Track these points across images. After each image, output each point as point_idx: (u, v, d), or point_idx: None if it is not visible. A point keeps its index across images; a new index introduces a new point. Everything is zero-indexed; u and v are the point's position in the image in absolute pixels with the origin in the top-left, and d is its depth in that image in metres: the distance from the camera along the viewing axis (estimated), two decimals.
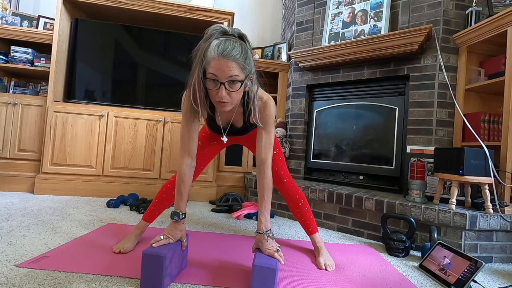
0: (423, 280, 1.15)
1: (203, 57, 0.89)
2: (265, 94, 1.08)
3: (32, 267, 0.99)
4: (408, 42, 1.85)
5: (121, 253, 1.18)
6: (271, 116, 1.07)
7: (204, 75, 0.91)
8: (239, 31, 0.93)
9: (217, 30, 0.90)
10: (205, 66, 0.89)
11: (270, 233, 1.01)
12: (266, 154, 1.08)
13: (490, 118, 1.69)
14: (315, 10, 2.46)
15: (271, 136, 1.09)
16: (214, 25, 0.92)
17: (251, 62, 0.93)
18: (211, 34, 0.90)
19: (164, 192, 1.31)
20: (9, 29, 2.35)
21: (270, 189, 1.09)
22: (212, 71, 0.88)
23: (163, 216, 1.83)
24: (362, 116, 2.19)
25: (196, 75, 0.91)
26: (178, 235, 1.02)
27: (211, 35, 0.89)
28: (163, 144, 2.38)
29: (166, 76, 2.53)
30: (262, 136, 1.08)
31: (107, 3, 2.37)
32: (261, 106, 1.05)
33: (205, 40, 0.90)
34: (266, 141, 1.08)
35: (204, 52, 0.88)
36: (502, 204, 1.44)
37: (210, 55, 0.87)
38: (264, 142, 1.08)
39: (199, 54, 0.90)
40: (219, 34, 0.90)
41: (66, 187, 2.22)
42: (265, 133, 1.07)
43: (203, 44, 0.90)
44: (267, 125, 1.07)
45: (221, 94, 0.89)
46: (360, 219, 1.72)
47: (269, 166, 1.09)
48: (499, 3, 1.73)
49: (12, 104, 2.27)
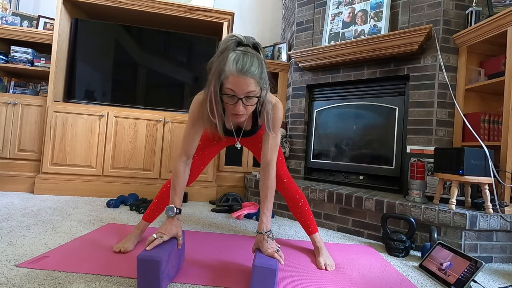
0: (423, 280, 1.15)
1: (220, 71, 0.88)
2: (273, 98, 1.08)
3: (32, 267, 0.99)
4: (408, 42, 1.85)
5: (121, 252, 1.18)
6: (279, 119, 1.09)
7: (221, 89, 0.91)
8: (254, 40, 0.93)
9: (232, 40, 0.89)
10: (223, 80, 0.89)
11: (271, 233, 1.02)
12: (271, 156, 1.10)
13: (490, 118, 1.69)
14: (315, 10, 2.46)
15: (277, 139, 1.11)
16: (229, 35, 0.91)
17: (266, 73, 0.93)
18: (226, 46, 0.89)
19: (165, 192, 1.31)
20: (9, 29, 2.35)
21: (273, 190, 1.11)
22: (230, 86, 0.88)
23: (163, 216, 1.82)
24: (362, 116, 2.19)
25: (213, 89, 0.91)
26: (173, 231, 1.01)
27: (226, 48, 0.88)
28: (163, 144, 2.38)
29: (166, 76, 2.53)
30: (269, 139, 1.10)
31: (107, 3, 2.37)
32: (270, 108, 1.05)
33: (221, 52, 0.89)
34: (273, 143, 1.10)
35: (221, 66, 0.88)
36: (502, 204, 1.44)
37: (228, 71, 0.86)
38: (271, 144, 1.10)
39: (216, 68, 0.89)
40: (234, 45, 0.89)
41: (66, 187, 2.22)
42: (272, 136, 1.09)
43: (219, 56, 0.89)
44: (274, 127, 1.08)
45: (238, 108, 0.90)
46: (360, 219, 1.72)
47: (274, 168, 1.11)
48: (499, 3, 1.73)
49: (12, 104, 2.27)
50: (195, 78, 2.59)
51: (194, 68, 2.58)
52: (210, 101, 0.94)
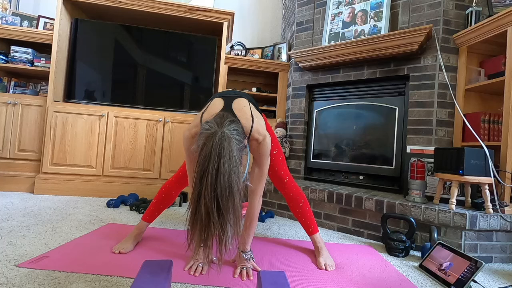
0: (423, 280, 1.15)
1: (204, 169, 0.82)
2: (261, 134, 1.03)
3: (32, 267, 0.99)
4: (408, 42, 1.85)
5: (120, 253, 1.18)
6: (264, 154, 1.07)
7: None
8: (228, 126, 0.86)
9: (205, 136, 0.83)
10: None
11: (249, 254, 1.12)
12: (255, 186, 1.11)
13: (490, 118, 1.69)
14: (315, 10, 2.46)
15: (263, 169, 1.10)
16: (203, 130, 0.86)
17: (242, 138, 0.90)
18: (204, 142, 0.83)
19: (164, 192, 1.31)
20: (9, 29, 2.35)
21: (256, 217, 1.15)
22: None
23: (163, 216, 1.83)
24: (362, 116, 2.19)
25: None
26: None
27: (205, 145, 0.82)
28: (163, 144, 2.38)
29: (166, 76, 2.53)
30: (255, 169, 1.11)
31: (107, 3, 2.37)
32: (256, 146, 1.05)
33: (201, 150, 0.83)
34: (258, 174, 1.10)
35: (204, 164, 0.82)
36: (502, 204, 1.44)
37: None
38: (256, 175, 1.11)
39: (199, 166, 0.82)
40: (210, 140, 0.82)
41: (66, 187, 2.22)
42: (258, 167, 1.10)
43: (204, 150, 0.82)
44: (260, 160, 1.08)
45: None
46: (360, 219, 1.72)
47: (257, 197, 1.13)
48: (499, 3, 1.73)
49: (12, 104, 2.27)
50: (195, 78, 2.59)
51: (194, 68, 2.58)
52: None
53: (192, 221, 0.77)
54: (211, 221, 0.75)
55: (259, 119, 1.07)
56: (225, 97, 1.09)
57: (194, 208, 0.77)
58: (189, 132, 1.03)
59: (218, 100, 1.09)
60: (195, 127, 1.01)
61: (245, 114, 1.02)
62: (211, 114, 1.00)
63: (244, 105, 1.07)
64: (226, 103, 1.06)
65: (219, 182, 0.76)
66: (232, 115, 0.98)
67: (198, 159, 0.81)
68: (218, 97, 1.11)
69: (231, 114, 0.99)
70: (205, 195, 0.76)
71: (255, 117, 1.04)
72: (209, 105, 1.08)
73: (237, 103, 1.06)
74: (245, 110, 1.04)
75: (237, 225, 0.79)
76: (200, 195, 0.77)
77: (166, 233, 1.50)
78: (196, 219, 0.76)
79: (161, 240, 1.38)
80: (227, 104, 1.05)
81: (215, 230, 0.76)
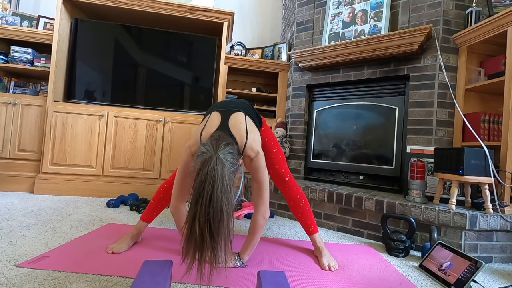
0: (423, 280, 1.15)
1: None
2: (254, 151, 1.09)
3: (32, 267, 0.99)
4: (408, 42, 1.85)
5: (113, 253, 1.18)
6: (257, 169, 1.11)
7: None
8: (220, 151, 0.90)
9: (202, 161, 0.87)
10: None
11: (239, 263, 1.15)
12: (255, 200, 1.15)
13: (490, 118, 1.69)
14: (315, 10, 2.46)
15: (261, 184, 1.14)
16: (200, 153, 0.90)
17: (235, 157, 0.95)
18: (200, 167, 0.87)
19: (162, 192, 1.31)
20: (9, 29, 2.35)
21: (256, 233, 1.16)
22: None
23: (162, 216, 1.83)
24: (362, 116, 2.19)
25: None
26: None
27: (201, 171, 0.86)
28: (163, 144, 2.38)
29: (166, 76, 2.53)
30: (253, 185, 1.15)
31: (107, 3, 2.37)
32: (248, 162, 1.11)
33: (197, 174, 0.87)
34: (257, 188, 1.15)
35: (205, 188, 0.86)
36: (502, 204, 1.44)
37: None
38: (255, 189, 1.15)
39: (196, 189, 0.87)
40: (205, 165, 0.87)
41: (66, 187, 2.22)
42: (256, 182, 1.14)
43: (200, 175, 0.86)
44: (256, 175, 1.12)
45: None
46: (360, 219, 1.72)
47: (259, 212, 1.15)
48: (499, 3, 1.73)
49: (12, 104, 2.27)
50: (195, 78, 2.59)
51: (194, 68, 2.58)
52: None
53: (187, 239, 0.83)
54: (204, 241, 0.82)
55: (254, 135, 1.12)
56: (222, 111, 1.16)
57: (189, 227, 0.83)
58: (190, 150, 1.09)
59: (215, 115, 1.15)
60: (195, 145, 1.07)
61: (239, 131, 1.09)
62: (208, 133, 1.06)
63: (240, 121, 1.13)
64: (223, 119, 1.12)
65: (212, 206, 0.83)
66: (227, 134, 1.05)
67: (194, 183, 0.87)
68: (216, 110, 1.17)
69: (227, 133, 1.06)
70: (200, 217, 0.82)
71: (250, 133, 1.10)
72: (207, 122, 1.13)
73: (233, 120, 1.12)
74: (240, 127, 1.10)
75: (227, 244, 0.86)
76: (195, 217, 0.83)
77: (166, 233, 1.50)
78: (191, 238, 0.83)
79: (161, 240, 1.38)
80: (224, 121, 1.12)
81: (208, 249, 0.82)
